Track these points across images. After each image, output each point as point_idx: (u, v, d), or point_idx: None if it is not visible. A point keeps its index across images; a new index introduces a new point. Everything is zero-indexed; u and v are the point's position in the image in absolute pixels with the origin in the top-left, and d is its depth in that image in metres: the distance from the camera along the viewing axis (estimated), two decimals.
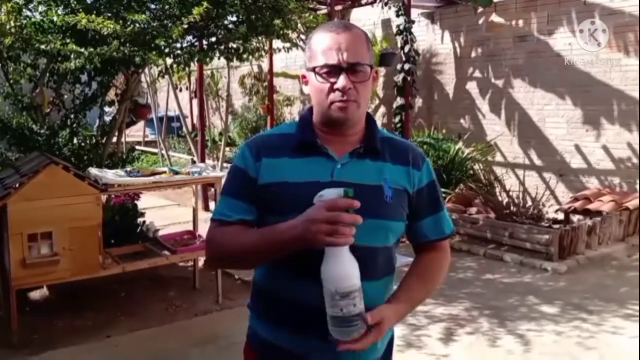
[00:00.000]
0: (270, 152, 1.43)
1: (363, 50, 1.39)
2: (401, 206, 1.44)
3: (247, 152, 1.46)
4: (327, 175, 1.39)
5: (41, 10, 4.49)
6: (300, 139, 1.44)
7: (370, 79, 1.40)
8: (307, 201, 1.32)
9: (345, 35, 1.37)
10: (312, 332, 1.37)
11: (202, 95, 8.24)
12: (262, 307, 1.51)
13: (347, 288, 1.23)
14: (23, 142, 4.73)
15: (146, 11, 4.52)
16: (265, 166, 1.42)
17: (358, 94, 1.37)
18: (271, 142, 1.47)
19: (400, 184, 1.44)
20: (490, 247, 5.79)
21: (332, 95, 1.37)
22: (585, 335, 3.85)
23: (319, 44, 1.39)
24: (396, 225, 1.44)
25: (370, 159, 1.43)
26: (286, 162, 1.41)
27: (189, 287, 4.73)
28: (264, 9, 4.77)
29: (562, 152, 7.04)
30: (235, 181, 1.47)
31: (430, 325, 4.03)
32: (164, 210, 7.63)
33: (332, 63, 1.36)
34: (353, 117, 1.40)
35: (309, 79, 1.42)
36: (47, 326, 3.96)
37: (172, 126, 12.46)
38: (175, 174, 4.32)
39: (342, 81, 1.35)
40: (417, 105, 8.47)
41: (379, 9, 8.00)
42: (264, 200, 1.41)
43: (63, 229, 3.68)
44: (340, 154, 1.42)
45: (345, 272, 1.24)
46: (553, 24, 6.96)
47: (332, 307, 1.25)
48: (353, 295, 1.24)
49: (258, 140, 1.50)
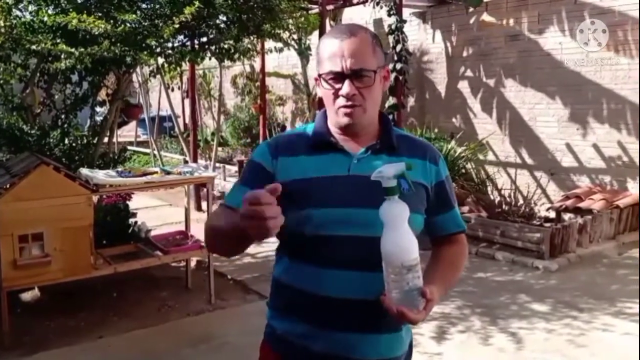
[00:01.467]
0: (288, 150, 1.47)
1: (368, 55, 1.40)
2: (419, 199, 1.46)
3: (265, 148, 1.50)
4: (344, 170, 1.43)
5: (31, 10, 4.46)
6: (316, 138, 1.48)
7: (376, 83, 1.42)
8: (323, 195, 1.39)
9: (349, 41, 1.39)
10: (336, 324, 1.39)
11: (194, 95, 8.23)
12: (284, 303, 1.52)
13: (412, 261, 1.25)
14: (14, 142, 4.71)
15: (137, 10, 4.50)
16: (282, 164, 1.45)
17: (364, 99, 1.40)
18: (289, 142, 1.50)
19: (417, 178, 1.45)
20: (482, 246, 5.81)
21: (338, 100, 1.41)
22: (576, 333, 3.87)
23: (325, 50, 1.42)
24: (415, 218, 1.43)
25: (387, 154, 1.46)
26: (303, 160, 1.45)
27: (182, 287, 4.73)
28: (255, 8, 4.76)
29: (553, 150, 7.08)
30: (250, 173, 1.50)
31: (423, 324, 4.04)
32: (155, 210, 7.61)
33: (336, 70, 1.39)
34: (360, 121, 1.43)
35: (319, 83, 1.45)
36: (39, 327, 3.94)
37: (164, 126, 12.44)
38: (167, 174, 4.31)
39: (347, 88, 1.38)
40: (409, 104, 8.50)
41: (371, 9, 8.01)
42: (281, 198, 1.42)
43: (54, 230, 3.67)
44: (357, 150, 1.45)
45: (408, 246, 1.26)
46: (544, 23, 7.00)
47: (398, 282, 1.26)
48: (417, 268, 1.26)
49: (278, 139, 1.53)
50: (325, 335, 1.40)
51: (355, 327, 1.40)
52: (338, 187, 1.41)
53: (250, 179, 1.48)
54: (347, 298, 1.38)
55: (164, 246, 4.40)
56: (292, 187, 1.40)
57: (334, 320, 1.39)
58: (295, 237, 1.42)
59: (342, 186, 1.41)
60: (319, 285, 1.39)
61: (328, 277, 1.39)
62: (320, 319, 1.40)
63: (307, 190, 1.40)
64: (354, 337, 1.39)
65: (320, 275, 1.40)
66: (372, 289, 1.35)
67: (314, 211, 1.39)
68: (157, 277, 4.87)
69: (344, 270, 1.38)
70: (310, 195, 1.40)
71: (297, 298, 1.45)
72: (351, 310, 1.39)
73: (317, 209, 1.39)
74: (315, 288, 1.40)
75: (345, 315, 1.39)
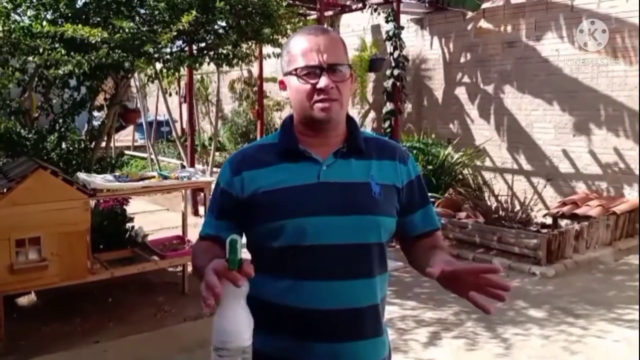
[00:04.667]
0: (251, 164, 1.45)
1: (341, 51, 1.41)
2: (391, 202, 1.45)
3: (227, 168, 1.48)
4: (314, 177, 1.40)
5: (30, 15, 4.47)
6: (282, 147, 1.45)
7: (349, 79, 1.42)
8: (294, 206, 1.36)
9: (323, 37, 1.39)
10: (318, 336, 1.37)
11: (191, 100, 8.23)
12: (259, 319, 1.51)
13: (225, 344, 1.13)
14: (11, 146, 4.71)
15: (135, 16, 4.52)
16: (247, 179, 1.43)
17: (340, 94, 1.39)
18: (253, 155, 1.48)
19: (388, 180, 1.45)
20: (479, 252, 5.82)
21: (315, 96, 1.38)
22: (572, 339, 3.87)
23: (298, 47, 1.40)
24: (387, 221, 1.44)
25: (355, 158, 1.44)
26: (271, 171, 1.42)
27: (178, 292, 4.72)
28: (254, 14, 4.78)
29: (550, 157, 7.10)
30: (215, 199, 1.50)
31: (418, 329, 4.05)
32: (153, 215, 7.59)
33: (313, 64, 1.37)
34: (337, 116, 1.41)
35: (289, 82, 1.43)
36: (35, 332, 3.93)
37: (161, 131, 12.43)
38: (165, 178, 4.32)
39: (325, 81, 1.36)
40: (407, 110, 8.52)
41: (369, 15, 8.05)
42: (252, 211, 1.42)
43: (51, 234, 3.67)
44: (325, 156, 1.43)
45: (229, 327, 1.14)
46: (541, 29, 7.03)
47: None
48: (231, 354, 1.13)
49: (239, 155, 1.50)
50: (307, 347, 1.37)
51: (337, 336, 1.37)
52: (309, 196, 1.38)
53: (214, 207, 1.50)
54: (328, 309, 1.35)
55: (161, 251, 4.40)
56: (261, 199, 1.40)
57: (316, 333, 1.36)
58: (266, 250, 1.39)
59: (313, 194, 1.38)
60: (297, 299, 1.36)
61: (306, 289, 1.36)
62: (301, 332, 1.36)
63: (277, 201, 1.38)
64: (337, 347, 1.37)
65: (297, 288, 1.36)
66: (352, 297, 1.36)
67: (286, 222, 1.36)
68: (153, 282, 4.87)
69: (322, 281, 1.35)
70: (281, 206, 1.37)
71: (274, 313, 1.40)
72: (333, 320, 1.36)
73: (289, 219, 1.36)
74: (294, 301, 1.36)
75: (326, 326, 1.36)
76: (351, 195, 1.35)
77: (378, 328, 1.45)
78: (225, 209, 1.47)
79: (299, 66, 1.39)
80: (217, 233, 1.46)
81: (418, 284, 4.84)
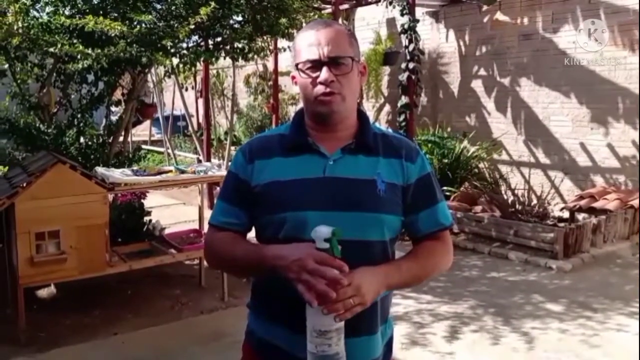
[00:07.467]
0: (263, 153, 1.46)
1: (344, 44, 1.41)
2: (396, 201, 1.44)
3: (240, 156, 1.50)
4: (319, 171, 1.41)
5: (48, 11, 4.52)
6: (291, 139, 1.46)
7: (353, 71, 1.41)
8: (297, 198, 1.37)
9: (325, 31, 1.40)
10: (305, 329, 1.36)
11: (207, 95, 8.27)
12: (259, 305, 1.52)
13: (324, 327, 1.24)
14: (30, 141, 4.77)
15: (152, 11, 4.54)
16: (257, 167, 1.45)
17: (342, 87, 1.39)
18: (265, 144, 1.49)
19: (394, 179, 1.44)
20: (495, 246, 5.80)
21: (316, 89, 1.39)
22: (590, 333, 3.86)
23: (302, 41, 1.42)
24: (391, 219, 1.43)
25: (364, 155, 1.44)
26: (278, 162, 1.44)
27: (195, 285, 4.76)
28: (269, 8, 4.79)
29: (568, 150, 7.03)
30: (228, 186, 1.51)
31: (435, 324, 4.05)
32: (169, 209, 7.66)
33: (314, 58, 1.38)
34: (339, 109, 1.41)
35: (296, 76, 1.45)
36: (54, 324, 3.99)
37: (177, 125, 12.48)
38: (181, 172, 4.35)
39: (324, 74, 1.37)
40: (422, 103, 8.48)
41: (384, 8, 8.00)
42: (258, 200, 1.43)
43: (70, 228, 3.71)
44: (333, 151, 1.43)
45: None
46: (558, 22, 6.96)
47: (311, 342, 1.26)
48: (330, 335, 1.24)
49: (252, 143, 1.52)
50: (301, 340, 1.33)
51: None
52: (313, 190, 1.39)
53: (227, 193, 1.51)
54: None
55: (178, 244, 4.43)
56: (266, 189, 1.41)
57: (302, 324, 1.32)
58: (270, 241, 1.40)
59: (317, 189, 1.39)
60: (295, 291, 1.31)
61: None
62: (296, 325, 1.34)
63: (282, 193, 1.39)
64: None
65: None
66: None
67: (288, 215, 1.37)
68: (170, 275, 4.91)
69: None
70: (285, 199, 1.38)
71: (275, 303, 1.43)
72: None
73: (292, 212, 1.37)
74: (292, 294, 1.31)
75: None
76: (355, 192, 1.35)
77: (374, 325, 1.44)
78: (239, 196, 1.48)
79: (302, 60, 1.41)
80: (236, 220, 1.48)
81: (433, 278, 4.83)
